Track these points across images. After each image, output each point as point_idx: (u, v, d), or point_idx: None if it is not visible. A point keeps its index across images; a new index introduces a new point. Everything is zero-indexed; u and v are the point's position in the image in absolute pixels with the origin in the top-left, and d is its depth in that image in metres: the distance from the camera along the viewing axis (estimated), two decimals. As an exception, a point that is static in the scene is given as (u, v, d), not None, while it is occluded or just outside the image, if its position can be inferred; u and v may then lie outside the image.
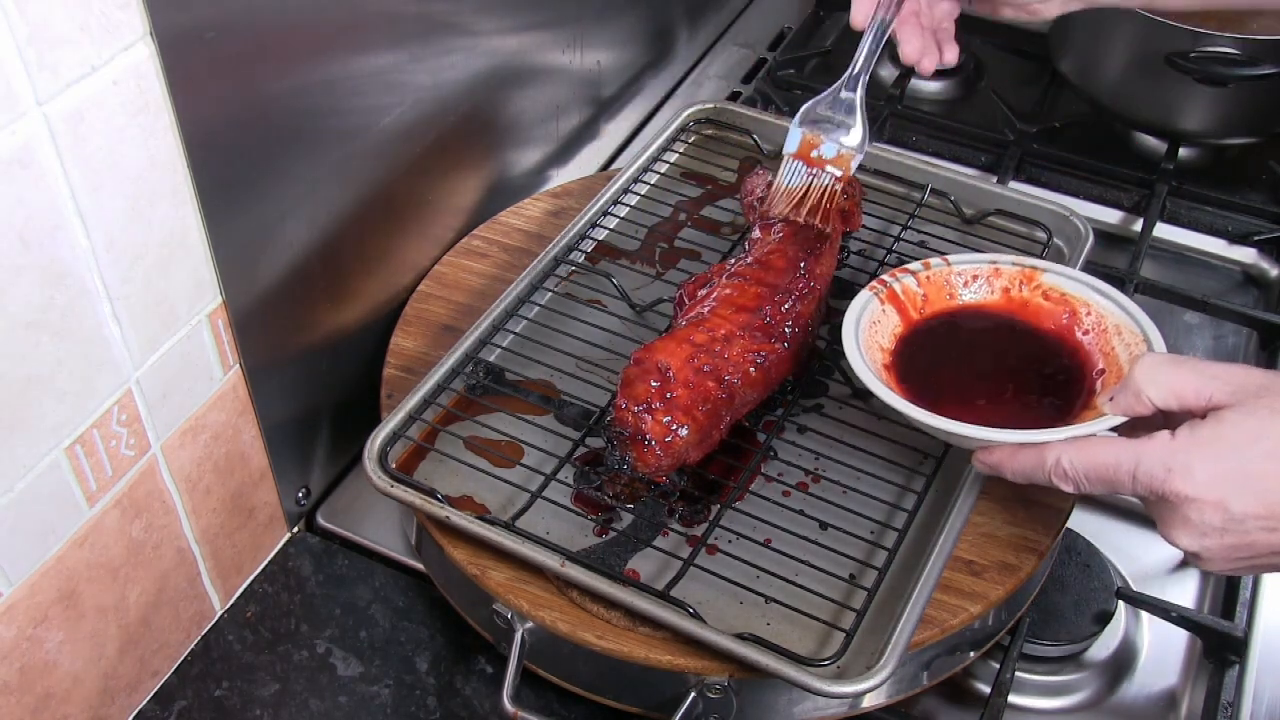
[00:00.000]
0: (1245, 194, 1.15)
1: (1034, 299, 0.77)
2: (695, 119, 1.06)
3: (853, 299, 0.76)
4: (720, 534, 0.74)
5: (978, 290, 0.78)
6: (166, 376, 0.69)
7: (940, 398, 0.71)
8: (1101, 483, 0.64)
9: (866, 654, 0.68)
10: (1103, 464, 0.63)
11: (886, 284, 0.77)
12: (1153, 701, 0.80)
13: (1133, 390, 0.65)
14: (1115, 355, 0.73)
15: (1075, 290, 0.76)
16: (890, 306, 0.77)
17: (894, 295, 0.77)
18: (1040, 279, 0.77)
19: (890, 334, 0.76)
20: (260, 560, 0.85)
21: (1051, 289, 0.77)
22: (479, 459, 0.80)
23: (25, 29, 0.53)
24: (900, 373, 0.74)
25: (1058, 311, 0.76)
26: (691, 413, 0.73)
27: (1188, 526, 0.62)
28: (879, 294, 0.77)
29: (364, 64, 0.79)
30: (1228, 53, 1.06)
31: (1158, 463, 0.62)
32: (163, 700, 0.77)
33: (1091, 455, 0.64)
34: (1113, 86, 1.17)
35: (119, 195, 0.61)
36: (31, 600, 0.65)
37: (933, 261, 0.78)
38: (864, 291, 0.77)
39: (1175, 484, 0.61)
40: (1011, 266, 0.78)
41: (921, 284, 0.78)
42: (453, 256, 0.96)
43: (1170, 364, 0.65)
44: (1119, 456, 0.63)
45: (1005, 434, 0.67)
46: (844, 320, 0.74)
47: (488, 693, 0.78)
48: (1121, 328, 0.73)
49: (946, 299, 0.78)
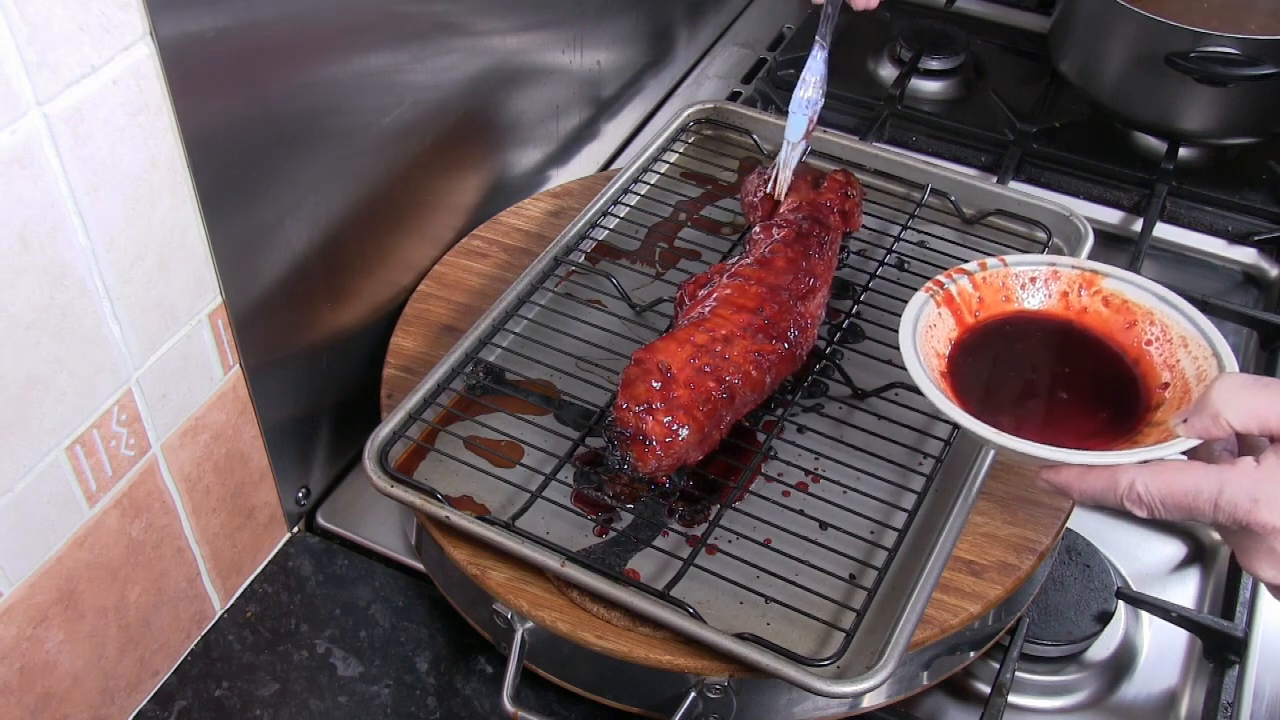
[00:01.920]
0: (1245, 194, 1.15)
1: (1094, 305, 0.74)
2: (695, 119, 1.06)
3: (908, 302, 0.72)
4: (720, 534, 0.74)
5: (1035, 294, 0.75)
6: (166, 376, 0.69)
7: (997, 408, 0.68)
8: (1179, 510, 0.60)
9: (866, 654, 0.68)
10: (1181, 491, 0.60)
11: (943, 285, 0.73)
12: (1153, 701, 0.80)
13: (1210, 412, 0.61)
14: (1181, 369, 0.69)
15: (1138, 298, 0.73)
16: (946, 310, 0.73)
17: (950, 298, 0.73)
18: (1101, 284, 0.74)
19: (946, 339, 0.73)
20: (260, 560, 0.85)
21: (1112, 295, 0.73)
22: (479, 459, 0.79)
23: (25, 29, 0.53)
24: (956, 380, 0.70)
25: (1119, 320, 0.73)
26: (692, 413, 0.73)
27: (1273, 558, 0.59)
28: (935, 296, 0.73)
29: (364, 64, 0.79)
30: (1228, 53, 1.06)
31: (1243, 492, 0.58)
32: (163, 700, 0.77)
33: (1169, 481, 0.60)
34: (1113, 86, 1.17)
35: (119, 195, 0.61)
36: (31, 600, 0.65)
37: (989, 262, 0.75)
38: (919, 293, 0.73)
39: (1262, 514, 0.58)
40: (1070, 270, 0.74)
41: (977, 286, 0.74)
42: (453, 256, 0.96)
43: (1250, 386, 0.61)
44: (1199, 484, 0.59)
45: (1076, 455, 0.63)
46: (901, 325, 0.70)
47: (488, 693, 0.78)
48: (1188, 340, 0.69)
49: (1003, 302, 0.75)
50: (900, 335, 0.70)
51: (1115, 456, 0.63)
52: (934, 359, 0.71)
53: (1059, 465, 0.64)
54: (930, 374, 0.68)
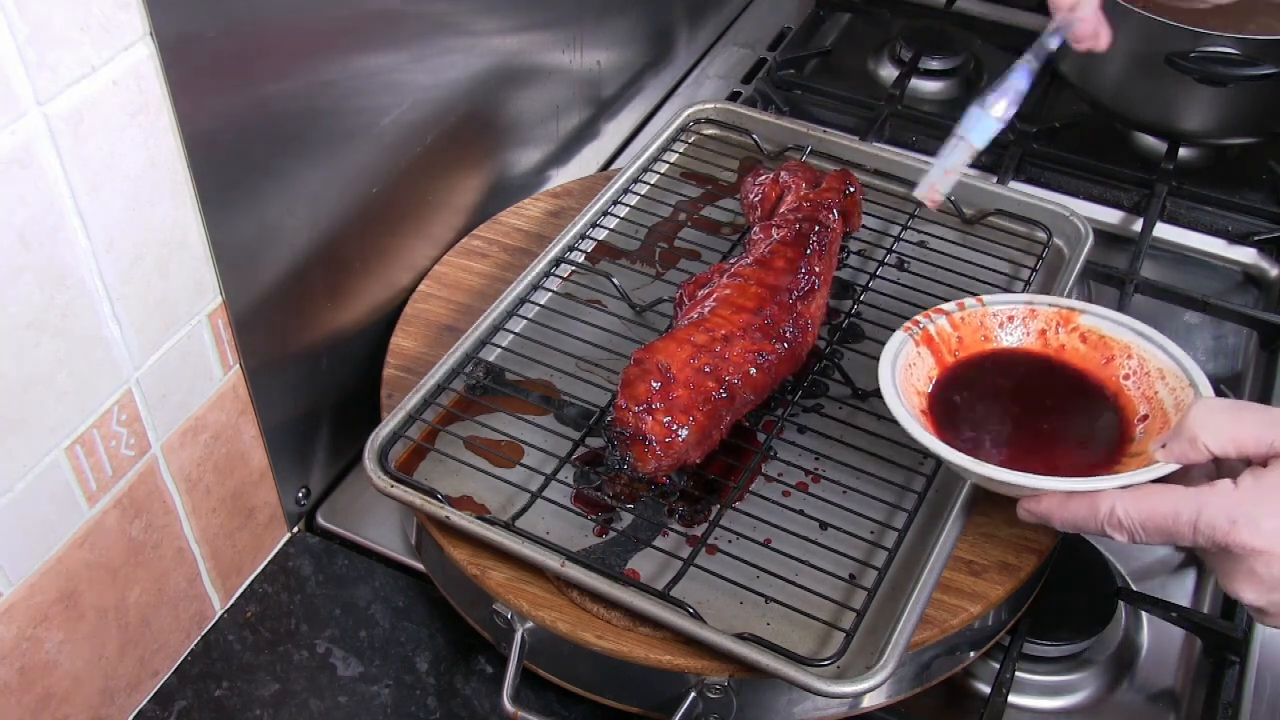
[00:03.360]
0: (1245, 194, 1.15)
1: (1071, 342, 0.75)
2: (695, 119, 1.06)
3: (886, 342, 0.74)
4: (720, 534, 0.74)
5: (1013, 332, 0.76)
6: (166, 376, 0.69)
7: (979, 443, 0.70)
8: (1159, 533, 0.61)
9: (866, 654, 0.68)
10: (1161, 514, 0.60)
11: (921, 325, 0.75)
12: (1153, 701, 0.80)
13: (1187, 437, 0.62)
14: (1159, 400, 0.70)
15: (1115, 333, 0.74)
16: (925, 349, 0.75)
17: (929, 337, 0.75)
18: (1078, 321, 0.75)
19: (926, 377, 0.74)
20: (260, 560, 0.85)
21: (1090, 331, 0.75)
22: (479, 459, 0.79)
23: (25, 29, 0.53)
24: (937, 417, 0.72)
25: (1097, 356, 0.74)
26: (692, 413, 0.73)
27: (1253, 580, 0.59)
28: (914, 335, 0.75)
29: (364, 64, 0.79)
30: (1228, 53, 1.06)
31: (1221, 514, 0.59)
32: (163, 700, 0.77)
33: (1149, 505, 0.61)
34: (1113, 86, 1.17)
35: (119, 195, 0.61)
36: (31, 600, 0.65)
37: (967, 302, 0.76)
38: (898, 333, 0.75)
39: (1241, 536, 0.58)
40: (1048, 308, 0.76)
41: (956, 325, 0.76)
42: (453, 256, 0.96)
43: (1227, 410, 0.62)
44: (1178, 506, 0.60)
45: (1057, 482, 0.64)
46: (880, 363, 0.72)
47: (488, 693, 0.78)
48: (1165, 372, 0.71)
49: (981, 341, 0.76)
50: (880, 372, 0.72)
51: (1095, 483, 0.63)
52: (914, 396, 0.72)
53: (1040, 494, 0.65)
54: (910, 410, 0.70)
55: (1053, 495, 0.65)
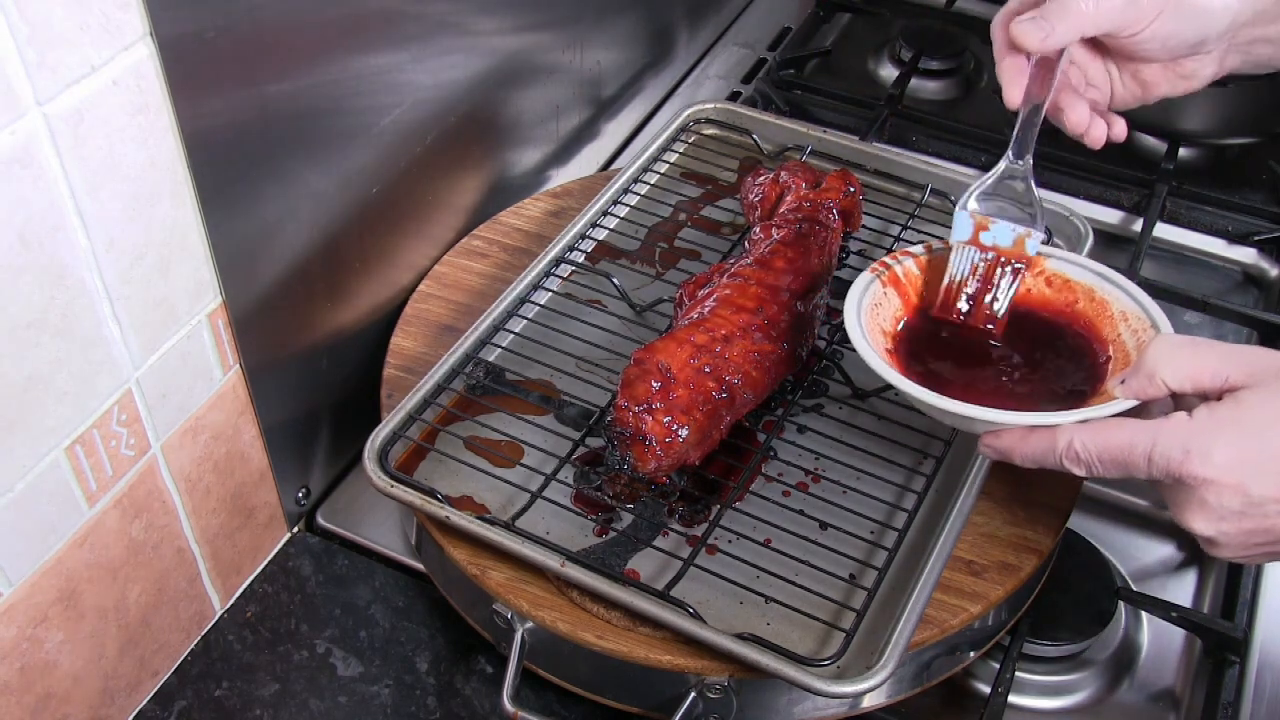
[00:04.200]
0: (1245, 194, 1.15)
1: (1037, 285, 0.76)
2: (695, 119, 1.06)
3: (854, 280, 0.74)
4: (720, 534, 0.74)
5: None
6: (166, 376, 0.69)
7: (944, 386, 0.70)
8: (1115, 465, 0.62)
9: (866, 654, 0.68)
10: (1117, 445, 0.62)
11: (888, 266, 0.75)
12: (1153, 701, 0.80)
13: (1145, 372, 0.63)
14: (1122, 342, 0.72)
15: (1079, 276, 0.75)
16: (892, 290, 0.75)
17: (895, 278, 0.75)
18: (1043, 265, 0.76)
19: (892, 318, 0.75)
20: (260, 560, 0.85)
21: (1054, 275, 0.75)
22: (479, 459, 0.80)
23: (25, 29, 0.53)
24: (903, 358, 0.73)
25: (1061, 299, 0.75)
26: (692, 413, 0.73)
27: (1204, 510, 0.60)
28: (880, 276, 0.75)
29: (364, 64, 0.79)
30: (1228, 53, 1.06)
31: (1175, 444, 0.60)
32: (163, 700, 0.77)
33: (1105, 437, 0.62)
34: (1113, 86, 1.17)
35: (119, 195, 0.61)
36: (31, 600, 0.65)
37: (934, 245, 0.77)
38: (865, 273, 0.75)
39: (1193, 466, 0.59)
40: None
41: (923, 268, 0.76)
42: (453, 256, 0.96)
43: (1185, 345, 0.63)
44: (1134, 438, 0.61)
45: (1015, 416, 0.65)
46: (846, 301, 0.72)
47: (488, 693, 0.78)
48: (1128, 314, 0.72)
49: None
50: (845, 310, 0.72)
51: (1053, 417, 0.64)
52: (880, 336, 0.73)
53: (1000, 429, 0.66)
54: (875, 349, 0.70)
55: (1013, 430, 0.65)
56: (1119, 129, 0.81)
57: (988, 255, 0.74)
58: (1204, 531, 0.61)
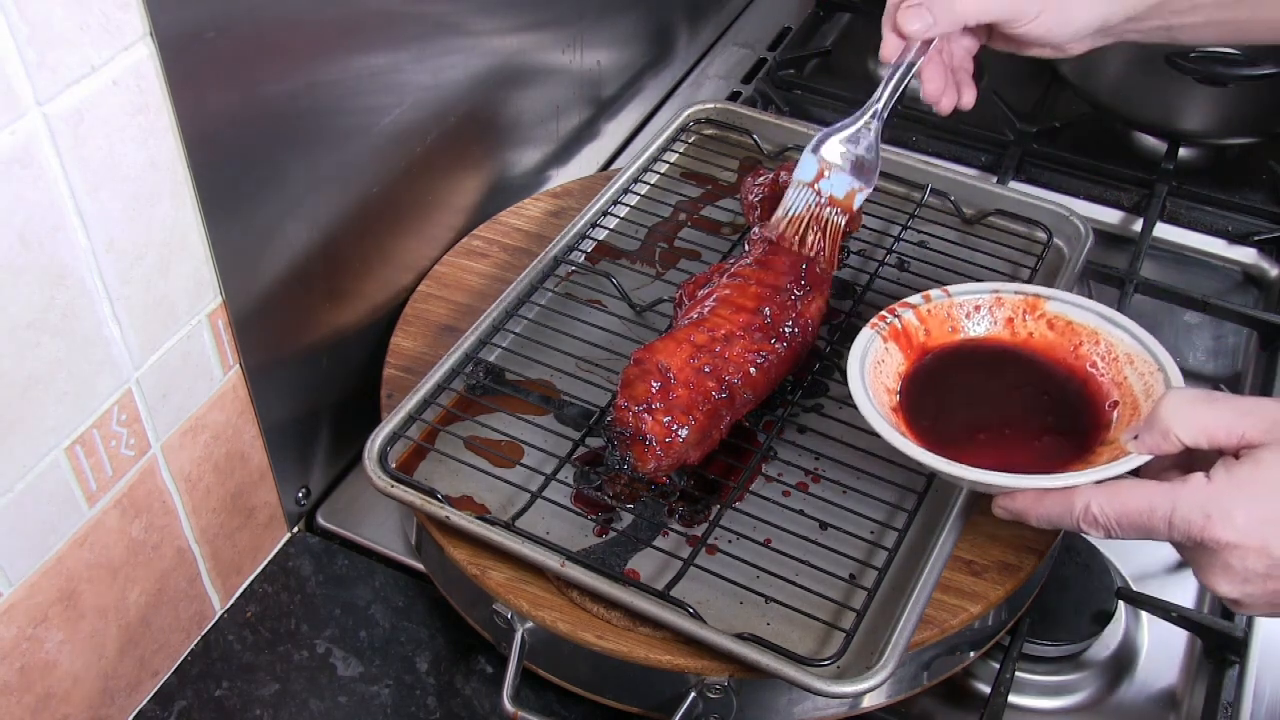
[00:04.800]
0: (1245, 194, 1.15)
1: (1039, 329, 0.75)
2: (695, 119, 1.06)
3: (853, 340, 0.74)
4: (720, 534, 0.74)
5: (980, 321, 0.76)
6: (166, 376, 0.69)
7: (951, 439, 0.69)
8: (1135, 529, 0.61)
9: (866, 654, 0.68)
10: (1135, 510, 0.60)
11: (887, 320, 0.75)
12: (1153, 701, 0.80)
13: (1159, 429, 0.62)
14: (1129, 385, 0.70)
15: (1082, 319, 0.74)
16: (893, 344, 0.74)
17: (896, 332, 0.75)
18: (1044, 308, 0.75)
19: (895, 373, 0.74)
20: (260, 560, 0.85)
21: (1056, 318, 0.75)
22: (479, 459, 0.79)
23: (25, 29, 0.53)
24: (909, 414, 0.71)
25: (1064, 343, 0.74)
26: (691, 413, 0.73)
27: (1229, 573, 0.59)
28: (880, 332, 0.74)
29: (364, 64, 0.79)
30: (1228, 53, 1.06)
31: (1195, 508, 0.59)
32: (163, 700, 0.77)
33: (1123, 501, 0.61)
34: (1113, 86, 1.17)
35: (119, 195, 0.61)
36: (31, 600, 0.65)
37: (932, 294, 0.76)
38: (865, 330, 0.74)
39: (1215, 530, 0.58)
40: (1014, 296, 0.76)
41: (922, 318, 0.75)
42: (453, 256, 0.96)
43: (1199, 401, 0.62)
44: (1153, 502, 0.60)
45: (1029, 480, 0.64)
46: (848, 363, 0.72)
47: (488, 693, 0.78)
48: (1134, 356, 0.71)
49: (949, 332, 0.76)
50: (848, 372, 0.71)
51: (1066, 479, 0.63)
52: (884, 394, 0.72)
53: (1013, 491, 0.65)
54: (881, 409, 0.69)
55: (1027, 493, 0.65)
56: (968, 98, 0.82)
57: (822, 199, 0.80)
58: (1229, 594, 0.60)
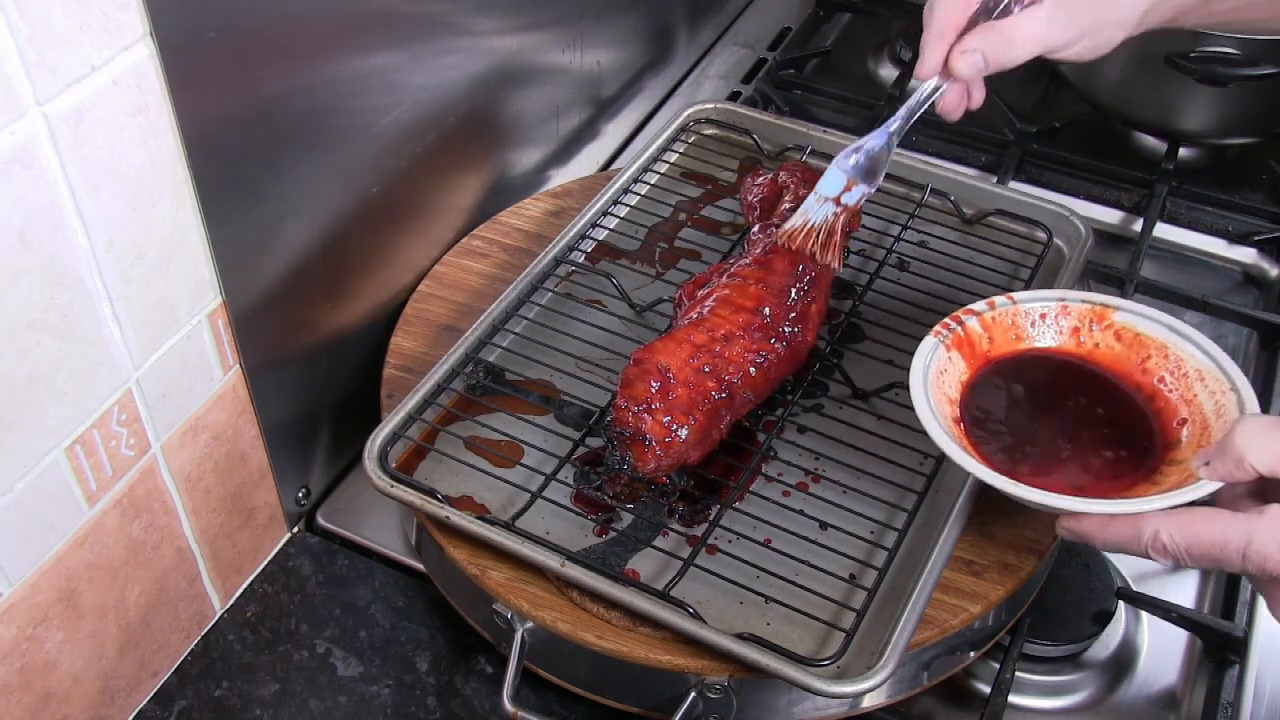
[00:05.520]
0: (1245, 194, 1.15)
1: (1105, 340, 0.73)
2: (695, 119, 1.06)
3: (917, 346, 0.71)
4: (720, 534, 0.74)
5: (1046, 331, 0.74)
6: (166, 376, 0.69)
7: (1013, 452, 0.68)
8: (1206, 559, 0.59)
9: (866, 654, 0.68)
10: (1208, 541, 0.59)
11: (951, 328, 0.73)
12: (1153, 701, 0.80)
13: (1234, 457, 0.60)
14: (1199, 403, 0.68)
15: (1150, 331, 0.72)
16: (956, 353, 0.72)
17: (959, 340, 0.72)
18: (1112, 318, 0.73)
19: (957, 382, 0.72)
20: (260, 560, 0.85)
21: (1124, 329, 0.72)
22: (479, 459, 0.80)
23: (25, 29, 0.53)
24: (969, 425, 0.70)
25: (1132, 356, 0.72)
26: (691, 413, 0.73)
27: None
28: (944, 340, 0.72)
29: (364, 64, 0.79)
30: (1228, 53, 1.06)
31: (1272, 542, 0.57)
32: (163, 700, 0.77)
33: (1195, 531, 0.59)
34: (1113, 86, 1.17)
35: (119, 195, 0.61)
36: (31, 600, 0.65)
37: (997, 301, 0.74)
38: (928, 338, 0.72)
39: None
40: (1081, 304, 0.74)
41: (986, 326, 0.73)
42: (453, 256, 0.96)
43: (1275, 428, 0.60)
44: (1227, 534, 0.58)
45: (1097, 504, 0.62)
46: (911, 371, 0.70)
47: (488, 693, 0.78)
48: (1204, 373, 0.69)
49: (1013, 340, 0.74)
50: (911, 383, 0.69)
51: (1137, 504, 0.62)
52: (946, 405, 0.70)
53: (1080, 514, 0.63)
54: (943, 421, 0.67)
55: (1093, 516, 0.63)
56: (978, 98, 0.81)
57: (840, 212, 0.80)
58: None
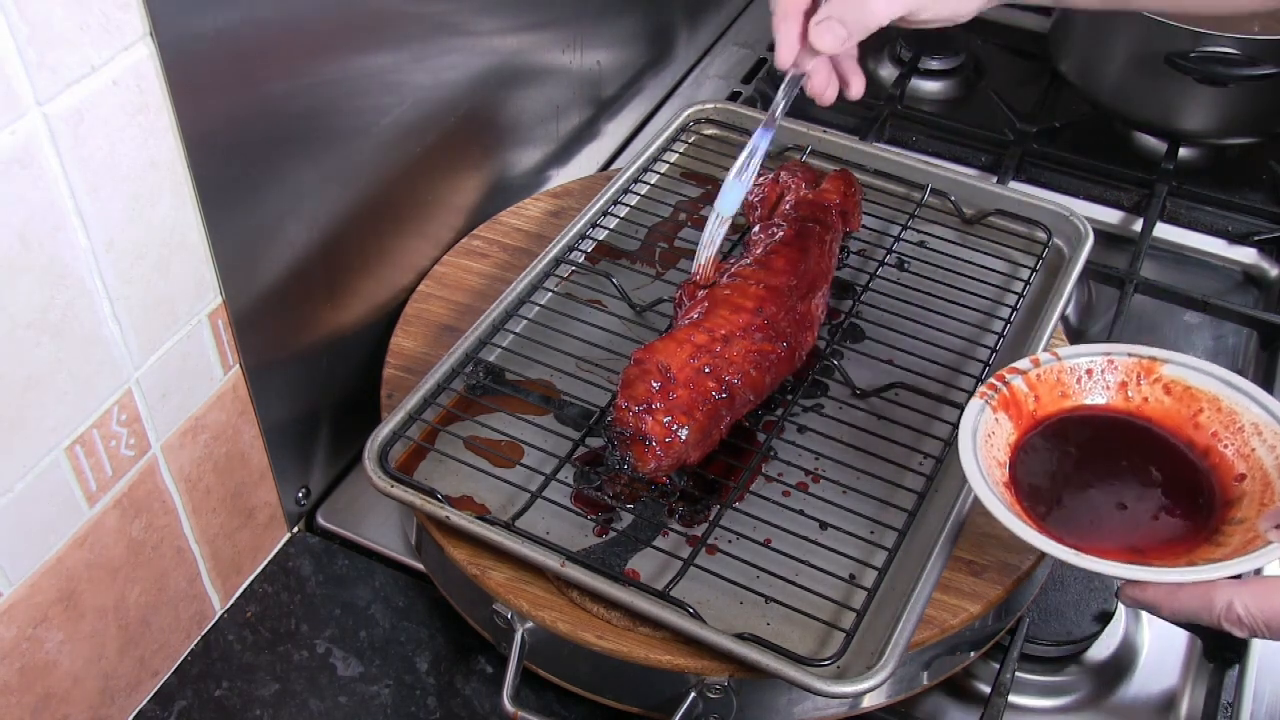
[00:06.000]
0: (1245, 194, 1.15)
1: (1155, 394, 0.71)
2: (695, 119, 1.06)
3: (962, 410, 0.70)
4: (720, 534, 0.74)
5: (1093, 387, 0.72)
6: (166, 376, 0.69)
7: (1068, 516, 0.66)
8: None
9: (866, 654, 0.68)
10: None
11: (997, 389, 0.71)
12: (1153, 701, 0.80)
13: None
14: (1257, 459, 0.66)
15: (1202, 384, 0.69)
16: (1003, 414, 0.70)
17: (1005, 401, 0.70)
18: (1160, 371, 0.71)
19: (1005, 445, 0.70)
20: (260, 560, 0.85)
21: (1174, 382, 0.70)
22: (479, 459, 0.80)
23: (25, 29, 0.53)
24: (1020, 489, 0.68)
25: (1183, 410, 0.70)
26: (692, 413, 0.73)
27: None
28: (990, 401, 0.70)
29: (364, 64, 0.79)
30: (1228, 53, 1.06)
31: None
32: (163, 700, 0.77)
33: (1273, 602, 0.57)
34: (1113, 86, 1.17)
35: (119, 195, 0.61)
36: (31, 600, 0.65)
37: (1041, 358, 0.72)
38: (974, 400, 0.70)
39: None
40: (1127, 358, 0.71)
41: (1032, 385, 0.71)
42: (453, 256, 0.96)
43: None
44: None
45: (1163, 573, 0.60)
46: (959, 437, 0.68)
47: (488, 693, 0.78)
48: (1261, 426, 0.66)
49: (1059, 398, 0.72)
50: (960, 447, 0.67)
51: (1205, 572, 0.60)
52: (995, 469, 0.68)
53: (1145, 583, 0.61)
54: (994, 487, 0.66)
55: (1160, 585, 0.61)
56: (856, 87, 0.82)
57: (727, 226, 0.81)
58: None
